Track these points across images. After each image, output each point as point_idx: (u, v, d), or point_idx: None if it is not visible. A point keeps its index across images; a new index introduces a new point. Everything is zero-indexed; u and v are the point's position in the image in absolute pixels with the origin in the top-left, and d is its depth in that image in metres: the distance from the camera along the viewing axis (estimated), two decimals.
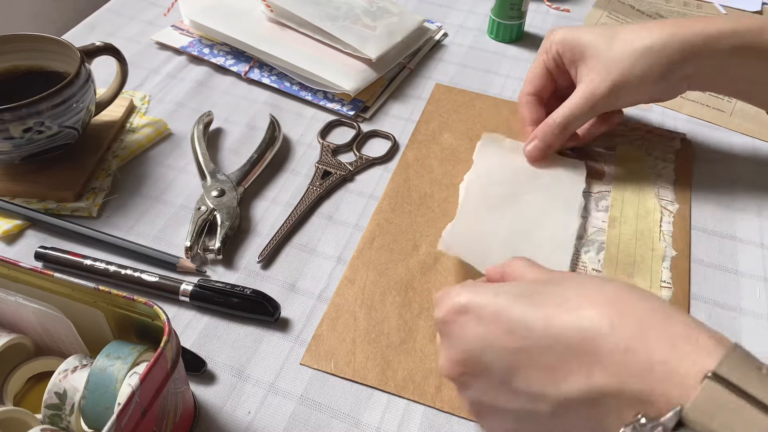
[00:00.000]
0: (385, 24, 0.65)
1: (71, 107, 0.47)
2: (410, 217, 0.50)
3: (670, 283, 0.46)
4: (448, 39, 0.71)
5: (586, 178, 0.52)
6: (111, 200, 0.51)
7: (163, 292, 0.44)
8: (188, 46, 0.66)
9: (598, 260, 0.47)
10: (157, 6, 0.73)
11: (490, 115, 0.60)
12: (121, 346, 0.33)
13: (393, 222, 0.50)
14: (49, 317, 0.34)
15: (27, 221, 0.48)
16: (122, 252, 0.47)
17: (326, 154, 0.55)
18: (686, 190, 0.53)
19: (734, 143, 0.59)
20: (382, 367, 0.41)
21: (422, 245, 0.48)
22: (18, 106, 0.44)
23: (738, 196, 0.54)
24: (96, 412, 0.31)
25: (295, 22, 0.64)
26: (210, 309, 0.44)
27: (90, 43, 0.51)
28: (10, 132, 0.45)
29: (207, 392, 0.39)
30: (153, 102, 0.60)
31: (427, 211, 0.51)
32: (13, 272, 0.34)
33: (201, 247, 0.47)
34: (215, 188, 0.50)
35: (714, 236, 0.50)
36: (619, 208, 0.51)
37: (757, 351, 0.44)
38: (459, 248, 0.45)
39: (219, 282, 0.44)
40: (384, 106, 0.62)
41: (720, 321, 0.45)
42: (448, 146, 0.56)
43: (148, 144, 0.56)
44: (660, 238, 0.49)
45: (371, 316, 0.43)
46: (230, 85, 0.63)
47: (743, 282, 0.47)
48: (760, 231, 0.51)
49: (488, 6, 0.73)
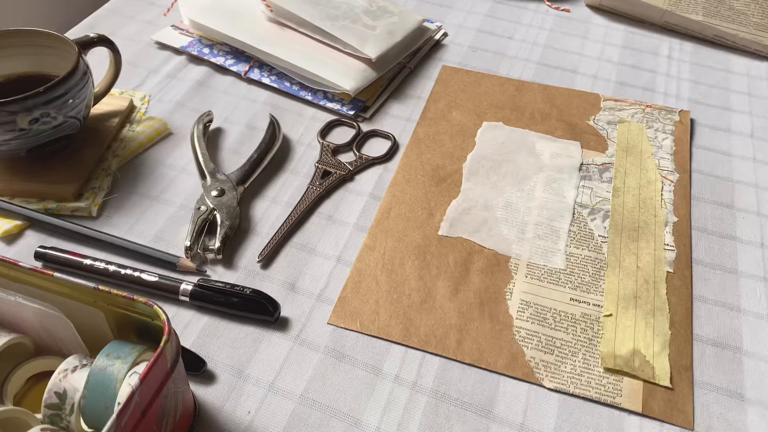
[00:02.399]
0: (384, 24, 0.65)
1: (74, 96, 0.48)
2: (424, 187, 0.53)
3: (673, 246, 0.49)
4: (448, 39, 0.71)
5: (588, 152, 0.56)
6: (111, 200, 0.51)
7: (163, 292, 0.44)
8: (188, 45, 0.66)
9: (604, 227, 0.50)
10: (157, 6, 0.73)
11: (496, 93, 0.63)
12: (121, 345, 0.33)
13: (408, 193, 0.53)
14: (49, 317, 0.34)
15: (27, 221, 0.48)
16: (122, 252, 0.47)
17: (326, 154, 0.56)
18: (686, 161, 0.56)
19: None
20: (405, 325, 0.44)
21: (437, 213, 0.51)
22: (25, 98, 0.45)
23: (737, 193, 0.54)
24: (96, 412, 0.31)
25: (295, 21, 0.64)
26: (210, 309, 0.44)
27: (84, 35, 0.52)
28: (17, 123, 0.46)
29: (207, 392, 0.40)
30: (153, 102, 0.60)
31: (440, 181, 0.54)
32: (13, 272, 0.34)
33: (201, 247, 0.47)
34: (215, 188, 0.50)
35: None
36: (622, 179, 0.54)
37: (757, 351, 0.44)
38: (460, 230, 0.49)
39: (219, 282, 0.44)
40: (384, 105, 0.62)
41: (720, 320, 0.45)
42: (457, 123, 0.59)
43: (147, 144, 0.56)
44: (662, 206, 0.52)
45: (392, 279, 0.46)
46: (230, 84, 0.63)
47: (742, 281, 0.47)
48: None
49: (488, 6, 0.73)
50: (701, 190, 0.54)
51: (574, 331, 0.43)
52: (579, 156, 0.56)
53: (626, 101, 0.62)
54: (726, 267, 0.48)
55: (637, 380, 0.41)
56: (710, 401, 0.40)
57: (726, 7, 0.71)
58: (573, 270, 0.47)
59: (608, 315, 0.44)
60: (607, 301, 0.45)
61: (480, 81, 0.64)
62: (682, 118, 0.60)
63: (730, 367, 0.42)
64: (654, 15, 0.73)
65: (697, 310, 0.45)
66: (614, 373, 0.41)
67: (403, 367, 0.42)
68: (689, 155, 0.57)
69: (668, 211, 0.51)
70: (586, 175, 0.54)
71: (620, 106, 0.61)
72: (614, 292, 0.45)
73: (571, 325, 0.44)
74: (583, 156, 0.56)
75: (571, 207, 0.51)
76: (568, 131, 0.58)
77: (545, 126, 0.59)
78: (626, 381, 0.41)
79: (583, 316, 0.44)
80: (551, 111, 0.61)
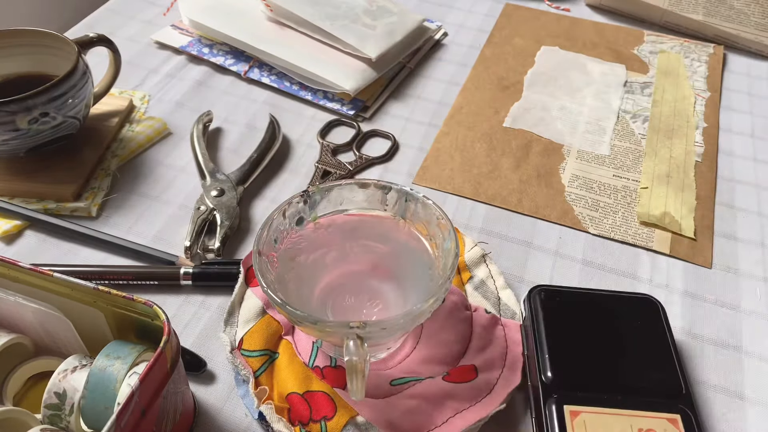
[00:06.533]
0: (384, 23, 0.65)
1: (73, 96, 0.48)
2: (491, 92, 0.63)
3: (702, 143, 0.58)
4: (448, 38, 0.71)
5: (632, 73, 0.66)
6: (110, 200, 0.51)
7: (163, 281, 0.44)
8: (188, 45, 0.66)
9: (644, 128, 0.60)
10: (157, 5, 0.73)
11: (552, 26, 0.73)
12: (120, 346, 0.33)
13: (476, 96, 0.63)
14: (48, 317, 0.34)
15: (26, 221, 0.48)
16: (121, 251, 0.47)
17: (326, 154, 0.55)
18: (717, 82, 0.65)
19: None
20: (475, 187, 0.53)
21: (501, 111, 0.61)
22: (24, 98, 0.45)
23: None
24: (96, 412, 0.31)
25: (295, 21, 0.64)
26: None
27: (84, 35, 0.52)
28: (16, 123, 0.46)
29: (207, 392, 0.39)
30: (152, 102, 0.60)
31: (504, 88, 0.64)
32: (12, 272, 0.34)
33: (200, 247, 0.46)
34: (215, 188, 0.50)
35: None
36: (661, 93, 0.63)
37: (757, 351, 0.44)
38: (521, 123, 0.59)
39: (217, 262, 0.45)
40: (384, 105, 0.62)
41: (721, 320, 0.45)
42: (519, 46, 0.70)
43: (147, 143, 0.56)
44: (694, 114, 0.61)
45: (464, 156, 0.56)
46: (230, 84, 0.63)
47: (743, 280, 0.47)
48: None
49: (488, 6, 0.73)
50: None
51: (615, 197, 0.53)
52: (624, 74, 0.66)
53: (667, 36, 0.72)
54: (728, 267, 0.48)
55: (667, 232, 0.50)
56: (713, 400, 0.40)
57: (726, 6, 0.71)
58: (616, 156, 0.57)
59: (644, 188, 0.53)
60: (644, 178, 0.54)
61: (539, 16, 0.75)
62: (716, 50, 0.70)
63: (730, 367, 0.42)
64: (654, 15, 0.73)
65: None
66: (648, 226, 0.50)
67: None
68: (721, 78, 0.66)
69: (699, 119, 0.61)
70: (629, 90, 0.64)
71: (661, 39, 0.71)
72: (650, 172, 0.55)
73: (613, 192, 0.53)
74: (627, 75, 0.66)
75: (616, 111, 0.61)
76: (615, 57, 0.68)
77: (595, 53, 0.69)
78: (657, 232, 0.50)
79: (623, 187, 0.54)
80: (600, 41, 0.71)
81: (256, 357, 0.39)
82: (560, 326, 0.39)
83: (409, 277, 0.39)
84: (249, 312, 0.41)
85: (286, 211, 0.39)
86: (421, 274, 0.39)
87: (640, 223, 0.51)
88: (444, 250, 0.36)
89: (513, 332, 0.41)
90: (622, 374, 0.37)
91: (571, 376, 0.37)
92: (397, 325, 0.33)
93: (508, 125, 0.59)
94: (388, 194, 0.40)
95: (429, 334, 0.40)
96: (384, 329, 0.32)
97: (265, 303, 0.42)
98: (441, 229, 0.37)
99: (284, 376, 0.38)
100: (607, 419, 0.35)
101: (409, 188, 0.39)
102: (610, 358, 0.38)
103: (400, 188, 0.39)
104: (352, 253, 0.41)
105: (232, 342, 0.40)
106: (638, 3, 0.73)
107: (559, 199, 0.52)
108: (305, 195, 0.40)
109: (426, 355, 0.39)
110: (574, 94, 0.63)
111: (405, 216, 0.40)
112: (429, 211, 0.38)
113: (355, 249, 0.41)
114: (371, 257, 0.41)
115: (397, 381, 0.38)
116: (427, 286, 0.38)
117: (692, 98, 0.62)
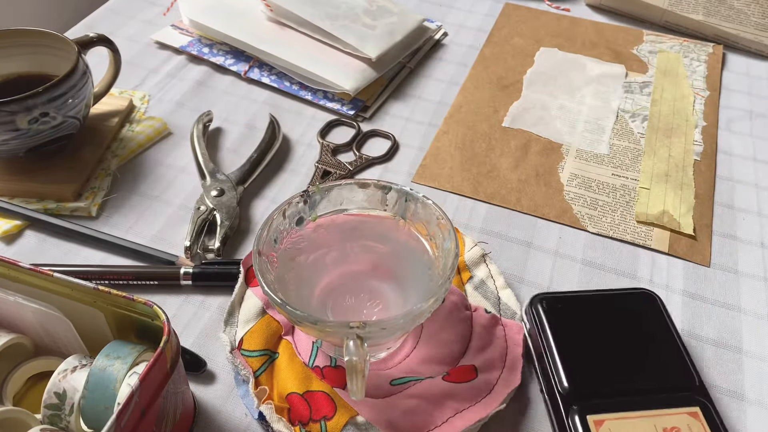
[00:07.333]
0: (384, 23, 0.65)
1: (73, 96, 0.48)
2: (490, 91, 0.63)
3: (701, 142, 0.58)
4: (448, 38, 0.71)
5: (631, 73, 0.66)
6: (110, 200, 0.51)
7: (163, 281, 0.44)
8: (188, 45, 0.66)
9: (642, 127, 0.60)
10: (157, 5, 0.73)
11: (552, 26, 0.73)
12: (120, 346, 0.33)
13: (476, 95, 0.63)
14: (48, 317, 0.34)
15: (26, 221, 0.48)
16: (121, 251, 0.47)
17: (326, 154, 0.55)
18: (716, 81, 0.65)
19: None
20: (475, 186, 0.53)
21: (500, 110, 0.61)
22: (24, 98, 0.45)
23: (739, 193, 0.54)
24: (95, 412, 0.31)
25: (295, 21, 0.64)
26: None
27: (84, 35, 0.52)
28: (16, 123, 0.46)
29: (207, 392, 0.39)
30: (152, 101, 0.60)
31: (503, 88, 0.64)
32: (12, 272, 0.34)
33: (200, 247, 0.46)
34: (215, 188, 0.50)
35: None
36: (660, 93, 0.63)
37: (757, 351, 0.44)
38: (521, 123, 0.59)
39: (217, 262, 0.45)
40: (384, 105, 0.62)
41: (721, 320, 0.45)
42: (519, 46, 0.70)
43: (147, 143, 0.56)
44: (693, 113, 0.61)
45: (463, 155, 0.56)
46: (230, 84, 0.63)
47: (743, 279, 0.47)
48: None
49: (488, 6, 0.73)
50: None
51: (614, 196, 0.53)
52: (623, 74, 0.66)
53: (666, 36, 0.72)
54: (728, 267, 0.48)
55: (665, 230, 0.50)
56: None
57: (726, 6, 0.71)
58: (615, 155, 0.57)
59: (644, 188, 0.53)
60: (643, 177, 0.54)
61: (538, 16, 0.75)
62: (715, 50, 0.69)
63: (730, 367, 0.42)
64: (654, 15, 0.73)
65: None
66: (646, 224, 0.50)
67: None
68: (720, 77, 0.66)
69: (698, 118, 0.61)
70: (628, 89, 0.64)
71: (660, 39, 0.71)
72: (649, 171, 0.55)
73: (612, 191, 0.53)
74: (626, 75, 0.66)
75: (615, 111, 0.61)
76: (614, 57, 0.68)
77: (594, 53, 0.69)
78: (656, 231, 0.50)
79: (621, 186, 0.54)
80: (599, 41, 0.71)
81: (256, 357, 0.39)
82: (566, 333, 0.39)
83: (409, 277, 0.39)
84: (249, 312, 0.41)
85: (286, 211, 0.39)
86: (421, 274, 0.39)
87: (638, 222, 0.51)
88: (444, 250, 0.36)
89: (513, 332, 0.41)
90: (636, 374, 0.37)
91: (587, 384, 0.37)
92: (397, 325, 0.33)
93: (508, 125, 0.59)
94: (388, 194, 0.40)
95: (429, 334, 0.40)
96: (384, 329, 0.32)
97: (265, 303, 0.42)
98: (441, 229, 0.37)
99: (284, 376, 0.38)
100: (630, 424, 0.35)
101: (409, 188, 0.39)
102: (620, 359, 0.38)
103: (400, 188, 0.39)
104: (352, 253, 0.41)
105: (232, 342, 0.40)
106: (638, 3, 0.73)
107: (558, 198, 0.53)
108: (305, 195, 0.40)
109: (426, 355, 0.39)
110: (574, 94, 0.63)
111: (405, 216, 0.40)
112: (429, 211, 0.38)
113: (355, 249, 0.41)
114: (371, 257, 0.41)
115: (397, 381, 0.38)
116: (427, 286, 0.38)
117: (691, 97, 0.63)
